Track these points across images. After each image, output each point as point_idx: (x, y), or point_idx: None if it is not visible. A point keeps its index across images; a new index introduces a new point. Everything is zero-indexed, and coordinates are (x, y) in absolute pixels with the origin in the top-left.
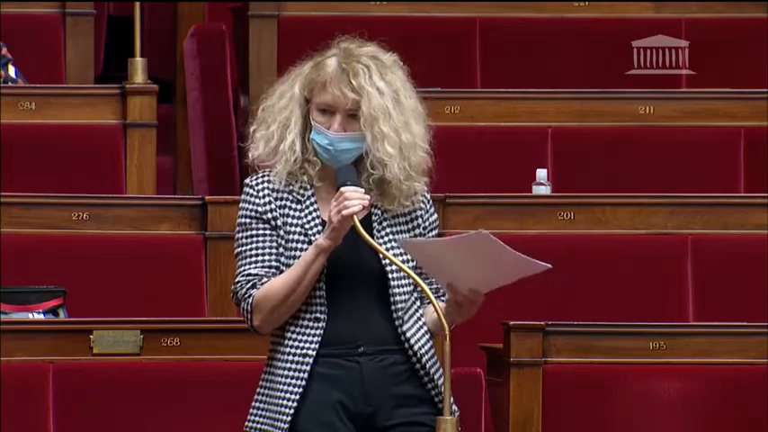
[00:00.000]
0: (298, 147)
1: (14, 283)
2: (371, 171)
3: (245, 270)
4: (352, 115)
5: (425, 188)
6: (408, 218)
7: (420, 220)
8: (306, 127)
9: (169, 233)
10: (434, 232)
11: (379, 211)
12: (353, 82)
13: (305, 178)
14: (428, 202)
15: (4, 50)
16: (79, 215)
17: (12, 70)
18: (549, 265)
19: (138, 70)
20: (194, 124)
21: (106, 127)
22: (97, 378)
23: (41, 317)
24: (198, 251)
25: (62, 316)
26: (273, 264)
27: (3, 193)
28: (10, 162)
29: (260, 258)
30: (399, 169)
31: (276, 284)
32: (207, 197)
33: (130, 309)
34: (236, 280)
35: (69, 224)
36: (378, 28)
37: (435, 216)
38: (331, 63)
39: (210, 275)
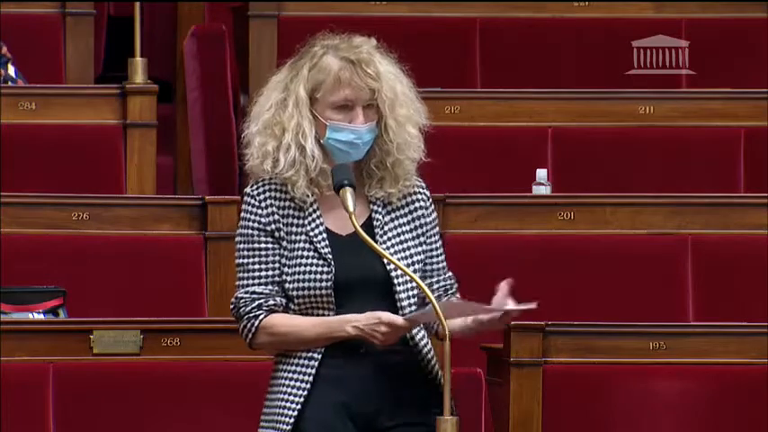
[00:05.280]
0: (317, 153)
1: (14, 283)
2: (385, 156)
3: (248, 287)
4: (368, 105)
5: (423, 184)
6: (409, 217)
7: (423, 219)
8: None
9: (169, 233)
10: (436, 229)
11: (380, 215)
12: (369, 70)
13: (316, 189)
14: (428, 198)
15: (4, 50)
16: (79, 215)
17: (11, 69)
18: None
19: (138, 70)
20: (194, 124)
21: (106, 127)
22: (97, 378)
23: (41, 317)
24: (198, 251)
25: (62, 316)
26: (276, 279)
27: (3, 193)
28: (10, 162)
29: (263, 274)
30: (417, 149)
31: (289, 327)
32: (207, 197)
33: (130, 309)
34: (239, 295)
35: (69, 224)
36: (378, 28)
37: (435, 214)
38: (332, 60)
39: (210, 275)
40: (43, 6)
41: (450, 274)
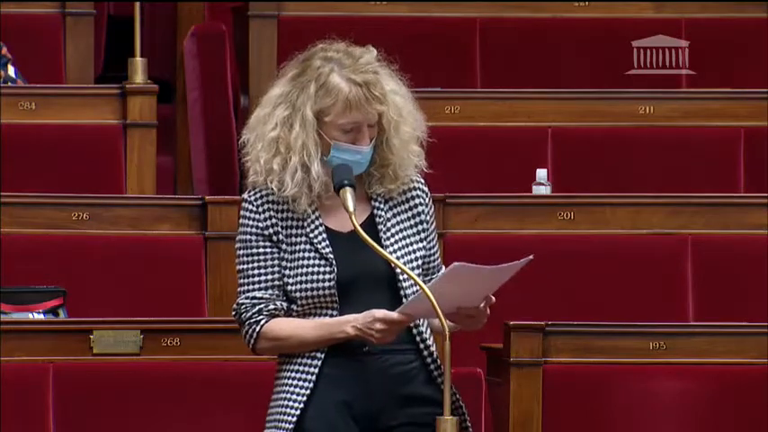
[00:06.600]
0: (321, 171)
1: (14, 283)
2: (385, 164)
3: (249, 292)
4: (371, 124)
5: (422, 180)
6: (410, 213)
7: (422, 216)
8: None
9: (169, 233)
10: (433, 226)
11: (382, 212)
12: (377, 92)
13: (316, 200)
14: (427, 195)
15: (4, 50)
16: (79, 215)
17: (11, 70)
18: (530, 258)
19: (138, 70)
20: (194, 124)
21: (106, 127)
22: (97, 378)
23: (41, 317)
24: (198, 251)
25: (62, 316)
26: (277, 283)
27: (3, 193)
28: (10, 162)
29: (263, 279)
30: (418, 163)
31: (290, 331)
32: (207, 197)
33: (130, 309)
34: (240, 301)
35: (69, 224)
36: (378, 28)
37: (432, 209)
38: (339, 81)
39: (210, 275)
40: (43, 6)
41: None
